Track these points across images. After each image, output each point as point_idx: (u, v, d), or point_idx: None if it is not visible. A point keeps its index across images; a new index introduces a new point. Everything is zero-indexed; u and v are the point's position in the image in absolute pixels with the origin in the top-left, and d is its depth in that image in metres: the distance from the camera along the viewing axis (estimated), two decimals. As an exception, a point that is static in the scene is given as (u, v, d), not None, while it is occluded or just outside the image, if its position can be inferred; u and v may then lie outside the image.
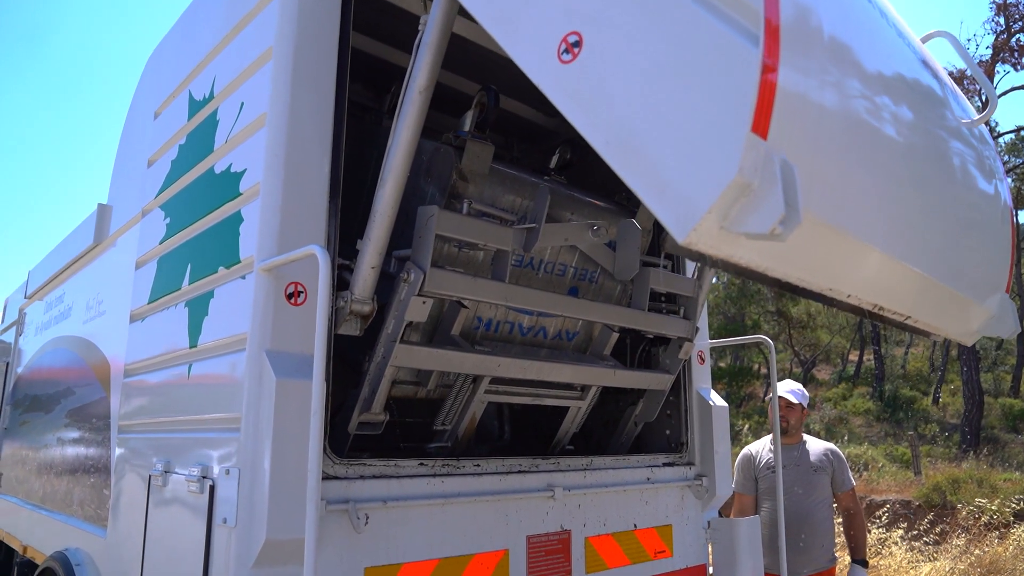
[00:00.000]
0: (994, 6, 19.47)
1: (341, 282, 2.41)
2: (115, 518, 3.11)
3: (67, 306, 4.43)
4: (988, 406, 21.67)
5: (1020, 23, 19.18)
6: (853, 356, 33.99)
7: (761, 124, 1.28)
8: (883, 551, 7.68)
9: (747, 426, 17.78)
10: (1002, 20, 19.49)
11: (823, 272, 1.65)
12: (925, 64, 2.17)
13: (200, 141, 2.89)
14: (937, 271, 1.97)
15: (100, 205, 3.96)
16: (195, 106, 3.00)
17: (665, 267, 3.42)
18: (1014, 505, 8.55)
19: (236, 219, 2.48)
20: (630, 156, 1.43)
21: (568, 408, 3.31)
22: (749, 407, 25.02)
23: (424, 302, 2.45)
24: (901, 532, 8.12)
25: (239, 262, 2.41)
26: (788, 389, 4.44)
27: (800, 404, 4.41)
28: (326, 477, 2.24)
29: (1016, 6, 19.04)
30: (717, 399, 3.63)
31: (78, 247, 4.24)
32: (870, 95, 1.76)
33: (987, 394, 22.55)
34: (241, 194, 2.47)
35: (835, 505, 4.46)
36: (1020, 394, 25.29)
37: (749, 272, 1.51)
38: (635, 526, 3.19)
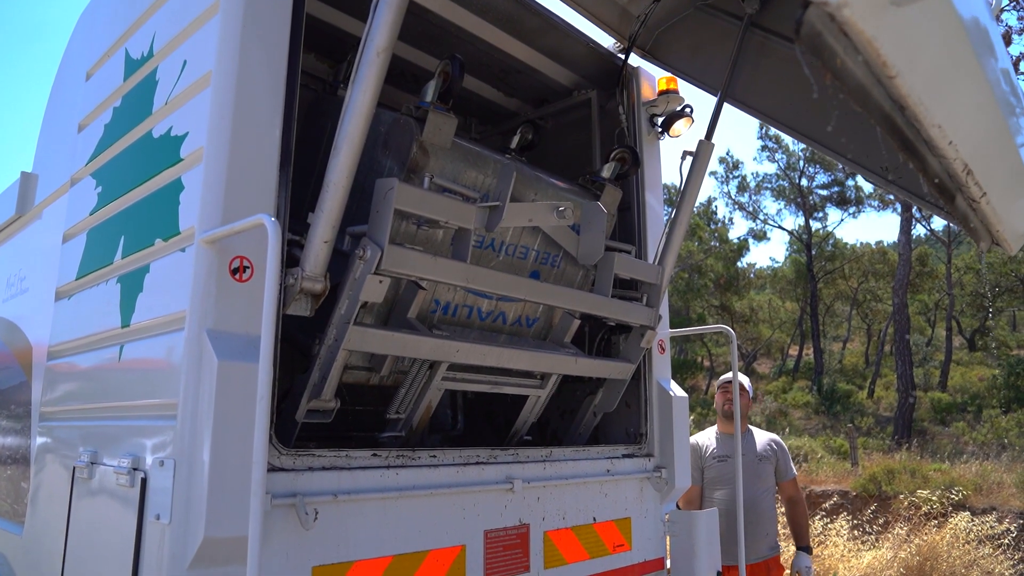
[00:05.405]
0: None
1: (290, 259, 2.23)
2: (34, 514, 2.86)
3: (-15, 283, 4.09)
4: (919, 399, 22.55)
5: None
6: (793, 351, 34.98)
7: None
8: (826, 541, 7.85)
9: (692, 417, 18.06)
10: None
11: (941, 98, 1.48)
12: None
13: (137, 103, 2.66)
14: (1017, 132, 1.86)
15: (24, 173, 3.65)
16: (132, 65, 2.76)
17: (628, 252, 3.33)
18: (953, 496, 8.88)
19: (176, 187, 2.26)
20: None
21: (527, 397, 3.19)
22: (692, 399, 25.44)
23: (381, 281, 2.29)
24: (844, 522, 8.32)
25: (178, 233, 2.20)
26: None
27: (747, 392, 4.52)
28: (271, 469, 2.07)
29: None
30: (677, 390, 3.56)
31: None
32: None
33: (918, 388, 23.46)
34: (182, 159, 2.26)
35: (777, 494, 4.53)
36: (947, 388, 26.41)
37: (872, 79, 1.31)
38: (594, 519, 3.10)
